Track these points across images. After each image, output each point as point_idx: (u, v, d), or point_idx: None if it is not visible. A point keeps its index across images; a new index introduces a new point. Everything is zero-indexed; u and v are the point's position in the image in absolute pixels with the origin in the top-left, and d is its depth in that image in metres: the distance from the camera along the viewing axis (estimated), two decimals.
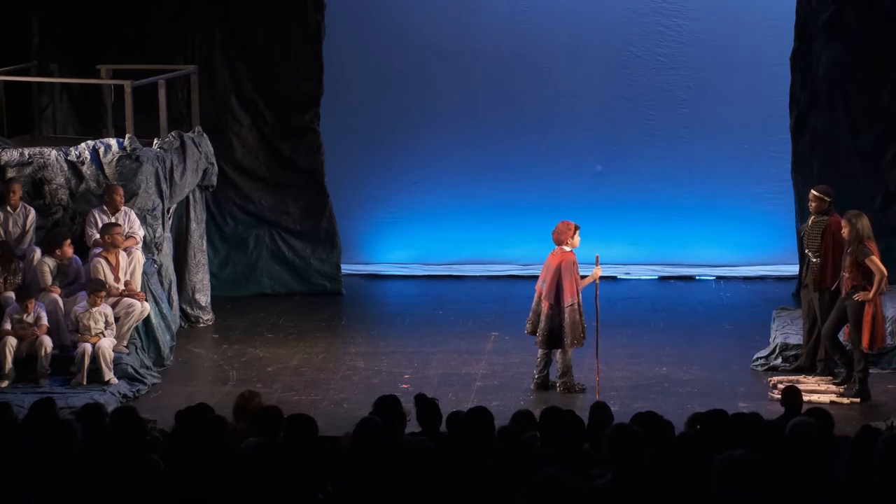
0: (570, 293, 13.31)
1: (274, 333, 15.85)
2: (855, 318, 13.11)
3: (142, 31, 16.96)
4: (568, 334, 13.35)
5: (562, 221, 13.53)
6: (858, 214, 13.24)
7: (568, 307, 13.33)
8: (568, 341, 13.37)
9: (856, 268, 13.06)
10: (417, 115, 18.15)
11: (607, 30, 17.86)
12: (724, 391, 13.48)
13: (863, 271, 13.06)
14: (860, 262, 13.04)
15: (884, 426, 10.60)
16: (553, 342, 13.45)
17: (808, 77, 16.61)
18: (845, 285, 13.14)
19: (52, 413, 8.83)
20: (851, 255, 13.08)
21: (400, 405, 9.00)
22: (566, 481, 5.63)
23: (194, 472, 6.57)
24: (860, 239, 13.05)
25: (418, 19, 18.05)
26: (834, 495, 6.65)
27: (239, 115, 17.40)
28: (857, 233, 13.06)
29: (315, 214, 17.54)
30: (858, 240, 13.05)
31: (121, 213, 14.60)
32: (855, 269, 13.07)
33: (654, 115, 17.97)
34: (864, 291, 13.02)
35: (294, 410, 8.83)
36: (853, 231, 13.07)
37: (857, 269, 13.06)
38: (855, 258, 13.06)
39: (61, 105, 17.22)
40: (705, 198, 17.85)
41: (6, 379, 13.58)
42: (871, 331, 13.04)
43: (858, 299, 13.03)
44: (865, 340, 13.06)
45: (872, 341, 13.09)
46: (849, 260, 13.11)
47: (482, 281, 18.10)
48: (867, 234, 13.11)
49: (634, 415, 8.10)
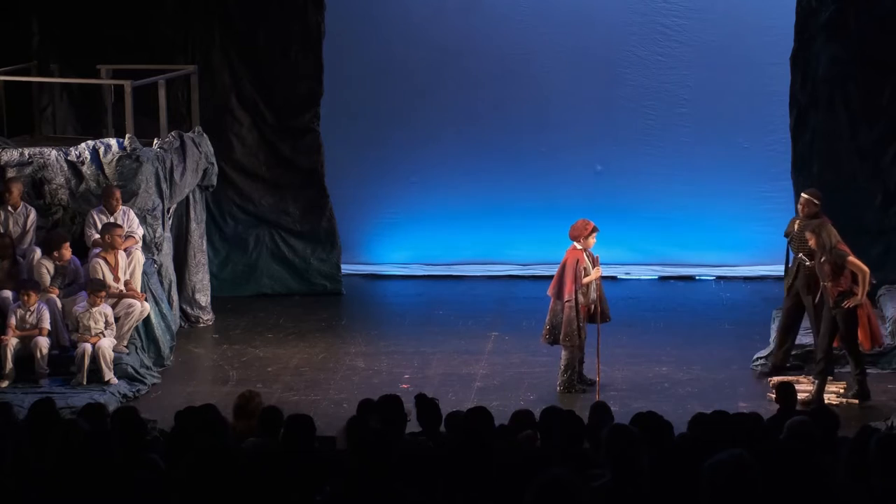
0: (570, 290, 13.34)
1: (274, 333, 15.86)
2: (848, 325, 13.01)
3: (142, 31, 16.96)
4: (562, 330, 13.38)
5: (581, 219, 13.56)
6: (821, 224, 13.20)
7: (566, 303, 13.36)
8: (561, 336, 13.40)
9: (837, 274, 12.99)
10: (417, 115, 18.16)
11: (607, 30, 17.87)
12: (724, 391, 13.49)
13: (844, 276, 12.97)
14: (840, 267, 12.96)
15: (884, 426, 10.62)
16: (556, 337, 13.50)
17: (808, 77, 16.61)
18: (830, 295, 13.06)
19: (52, 413, 8.83)
20: (828, 263, 13.00)
21: (401, 405, 9.02)
22: (570, 481, 5.62)
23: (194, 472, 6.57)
24: (830, 246, 12.99)
25: (418, 19, 18.05)
26: (833, 495, 6.65)
27: (239, 115, 17.40)
28: (824, 241, 13.00)
29: (315, 214, 17.54)
30: (829, 247, 12.99)
31: (119, 213, 14.60)
32: (836, 276, 12.99)
33: (654, 114, 17.97)
34: (853, 297, 12.94)
35: (294, 410, 8.84)
36: (820, 240, 13.02)
37: (838, 275, 12.98)
38: (833, 264, 12.98)
39: (61, 105, 17.23)
40: (705, 198, 17.85)
41: (6, 379, 13.60)
42: (869, 331, 13.01)
43: (848, 307, 12.95)
44: (866, 343, 13.03)
45: (873, 341, 13.08)
46: (827, 268, 13.02)
47: (482, 281, 18.10)
48: (836, 239, 13.06)
49: (634, 415, 8.10)
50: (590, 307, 13.48)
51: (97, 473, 6.94)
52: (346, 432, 8.82)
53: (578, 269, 13.36)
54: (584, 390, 13.53)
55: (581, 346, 13.49)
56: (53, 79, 16.79)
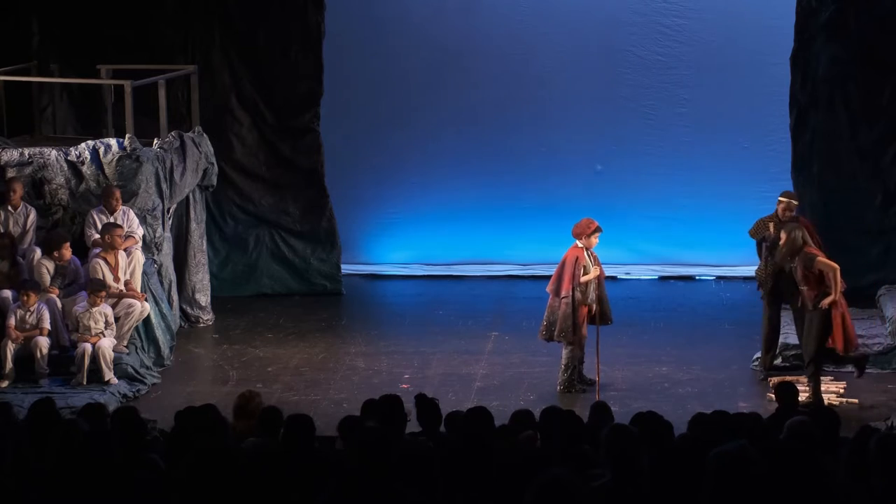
0: (567, 287, 13.36)
1: (274, 333, 15.86)
2: (821, 327, 12.96)
3: (142, 31, 16.96)
4: (557, 325, 13.38)
5: (586, 218, 13.57)
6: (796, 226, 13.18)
7: (562, 299, 13.37)
8: (556, 332, 13.41)
9: (811, 278, 12.97)
10: (417, 115, 18.16)
11: (608, 30, 17.87)
12: (724, 391, 13.49)
13: (816, 279, 12.95)
14: (812, 270, 12.94)
15: (884, 426, 10.62)
16: (552, 334, 13.51)
17: (808, 77, 16.61)
18: (808, 298, 13.03)
19: (52, 413, 8.83)
20: (800, 268, 12.99)
21: (402, 405, 9.02)
22: (570, 481, 5.63)
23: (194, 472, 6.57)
24: (799, 249, 12.98)
25: (418, 19, 18.05)
26: (833, 495, 6.65)
27: (239, 115, 17.40)
28: (793, 245, 12.98)
29: (315, 214, 17.54)
30: (798, 250, 12.97)
31: (119, 213, 14.60)
32: (811, 280, 12.98)
33: (655, 114, 17.97)
34: (827, 296, 12.93)
35: (294, 410, 8.84)
36: (789, 239, 12.99)
37: (811, 279, 12.97)
38: (804, 269, 12.97)
39: (61, 105, 17.23)
40: (705, 198, 17.85)
41: (6, 379, 13.60)
42: (843, 334, 12.93)
43: (825, 306, 12.92)
44: (840, 345, 12.95)
45: (846, 343, 12.98)
46: (800, 273, 13.01)
47: (482, 281, 18.10)
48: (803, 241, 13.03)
49: (634, 415, 8.10)
50: (590, 307, 13.47)
51: (97, 473, 6.94)
52: (338, 432, 8.83)
53: (577, 267, 13.37)
54: (584, 390, 13.53)
55: (581, 344, 13.49)
56: (53, 79, 16.79)
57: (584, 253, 13.43)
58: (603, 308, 13.58)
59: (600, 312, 13.52)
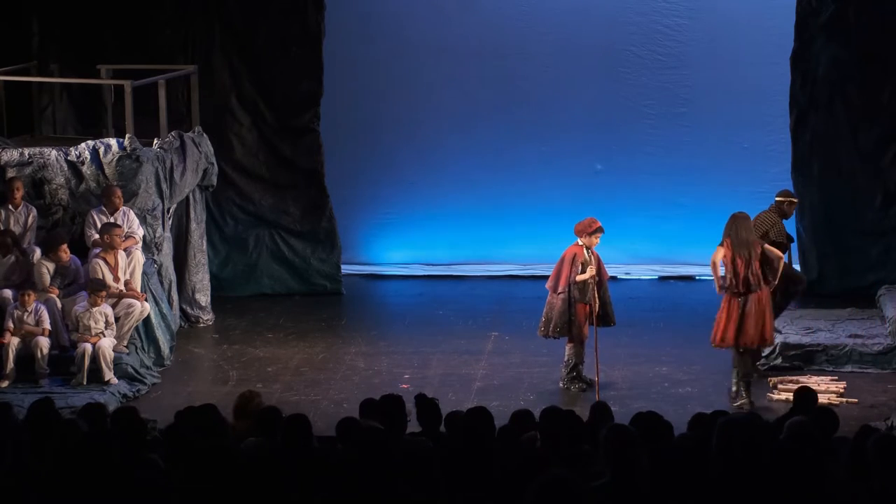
0: (563, 283, 13.37)
1: (274, 333, 15.86)
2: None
3: (142, 31, 16.96)
4: (553, 321, 13.40)
5: (589, 217, 13.60)
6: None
7: (558, 295, 13.39)
8: (551, 327, 13.42)
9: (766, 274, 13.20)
10: (417, 115, 18.16)
11: (607, 29, 17.86)
12: (724, 391, 13.48)
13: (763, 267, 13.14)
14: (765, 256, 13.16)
15: (884, 426, 10.62)
16: (549, 330, 13.52)
17: (808, 77, 16.62)
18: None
19: (51, 413, 8.83)
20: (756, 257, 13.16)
21: (403, 405, 9.01)
22: (570, 481, 5.63)
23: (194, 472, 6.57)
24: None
25: (418, 19, 18.05)
26: (833, 495, 6.65)
27: (239, 115, 17.40)
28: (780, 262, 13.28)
29: (315, 214, 17.54)
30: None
31: (119, 213, 14.60)
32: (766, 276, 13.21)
33: (654, 114, 17.97)
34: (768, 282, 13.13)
35: (294, 410, 8.83)
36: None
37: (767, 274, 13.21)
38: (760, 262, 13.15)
39: (61, 105, 17.23)
40: (705, 197, 17.83)
41: (6, 379, 13.60)
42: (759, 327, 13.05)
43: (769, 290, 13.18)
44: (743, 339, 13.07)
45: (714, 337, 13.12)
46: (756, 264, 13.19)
47: (482, 281, 18.10)
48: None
49: (634, 415, 8.09)
50: (589, 305, 13.46)
51: (97, 473, 6.94)
52: (336, 432, 8.83)
53: (575, 264, 13.39)
54: (583, 389, 13.53)
55: (581, 340, 13.49)
56: (53, 79, 16.79)
57: (583, 251, 13.44)
58: (606, 310, 13.59)
59: (603, 314, 13.53)
